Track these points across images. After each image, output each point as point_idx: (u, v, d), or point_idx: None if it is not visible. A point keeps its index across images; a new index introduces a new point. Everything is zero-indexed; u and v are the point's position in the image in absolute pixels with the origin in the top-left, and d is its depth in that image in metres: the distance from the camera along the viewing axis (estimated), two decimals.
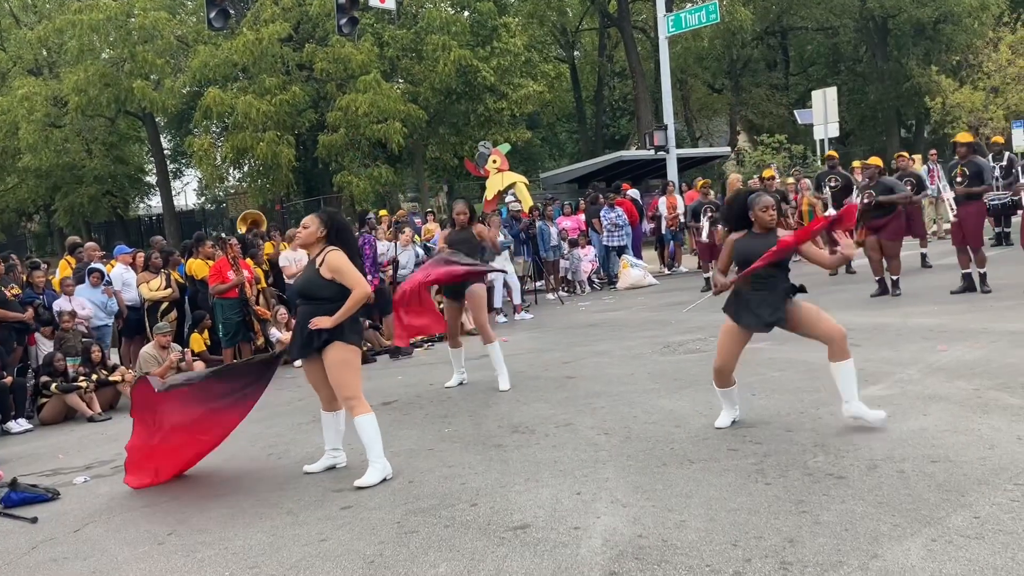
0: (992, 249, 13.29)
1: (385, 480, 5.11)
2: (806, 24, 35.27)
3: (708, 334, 9.11)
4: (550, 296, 15.02)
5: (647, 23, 33.27)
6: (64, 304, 9.84)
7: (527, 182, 17.37)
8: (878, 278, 10.76)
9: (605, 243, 16.09)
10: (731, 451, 5.02)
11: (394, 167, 26.12)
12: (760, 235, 5.29)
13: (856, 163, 15.81)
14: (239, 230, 13.84)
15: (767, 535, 3.76)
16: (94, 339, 9.78)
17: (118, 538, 4.73)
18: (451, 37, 23.51)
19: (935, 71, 29.40)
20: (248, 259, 11.14)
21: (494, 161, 16.46)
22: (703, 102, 38.06)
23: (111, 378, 9.34)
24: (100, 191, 29.46)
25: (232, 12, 15.75)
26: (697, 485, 4.49)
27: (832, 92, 22.05)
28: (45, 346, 9.59)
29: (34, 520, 5.20)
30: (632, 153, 26.47)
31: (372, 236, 11.84)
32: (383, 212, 17.10)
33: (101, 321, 10.28)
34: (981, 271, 9.97)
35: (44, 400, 8.97)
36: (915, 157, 17.64)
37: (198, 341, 10.57)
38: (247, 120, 22.49)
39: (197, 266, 11.02)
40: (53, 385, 8.89)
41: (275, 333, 10.83)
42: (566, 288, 15.59)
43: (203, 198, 40.79)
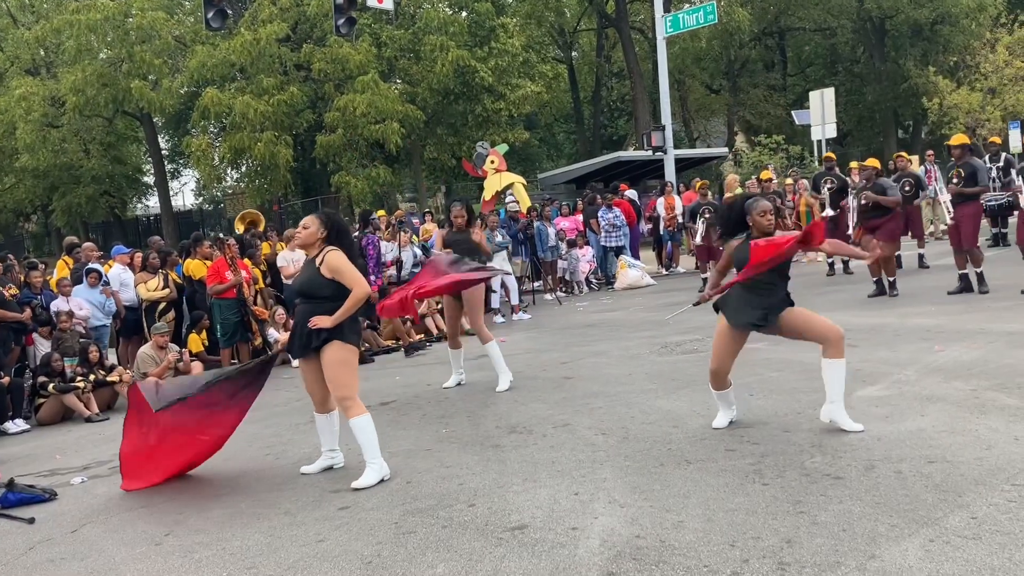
0: (989, 250, 13.32)
1: (383, 481, 5.10)
2: (804, 25, 35.34)
3: (706, 334, 9.11)
4: (548, 296, 15.02)
5: (645, 24, 33.32)
6: (62, 304, 9.83)
7: (525, 183, 17.35)
8: (875, 279, 10.78)
9: (603, 244, 16.10)
10: (729, 451, 5.03)
11: (392, 167, 26.13)
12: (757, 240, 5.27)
13: (853, 164, 15.82)
14: (237, 230, 13.82)
15: (765, 535, 3.77)
16: (92, 339, 9.78)
17: (115, 539, 4.72)
18: (449, 37, 23.52)
19: (932, 72, 29.46)
20: (246, 259, 11.15)
21: (492, 162, 16.43)
22: (701, 103, 38.12)
23: (109, 378, 9.34)
24: (98, 191, 29.45)
25: (230, 12, 15.76)
26: (695, 485, 4.49)
27: (830, 93, 22.07)
28: (43, 346, 9.58)
29: (31, 520, 5.20)
30: (630, 154, 26.49)
31: (376, 236, 11.84)
32: (380, 212, 17.08)
33: (99, 321, 10.27)
34: (978, 270, 9.99)
35: (41, 400, 8.97)
36: (912, 158, 17.63)
37: (196, 341, 10.58)
38: (245, 120, 22.49)
39: (195, 266, 11.02)
40: (51, 385, 8.88)
41: (273, 333, 10.83)
42: (564, 288, 15.60)
43: (201, 198, 40.79)
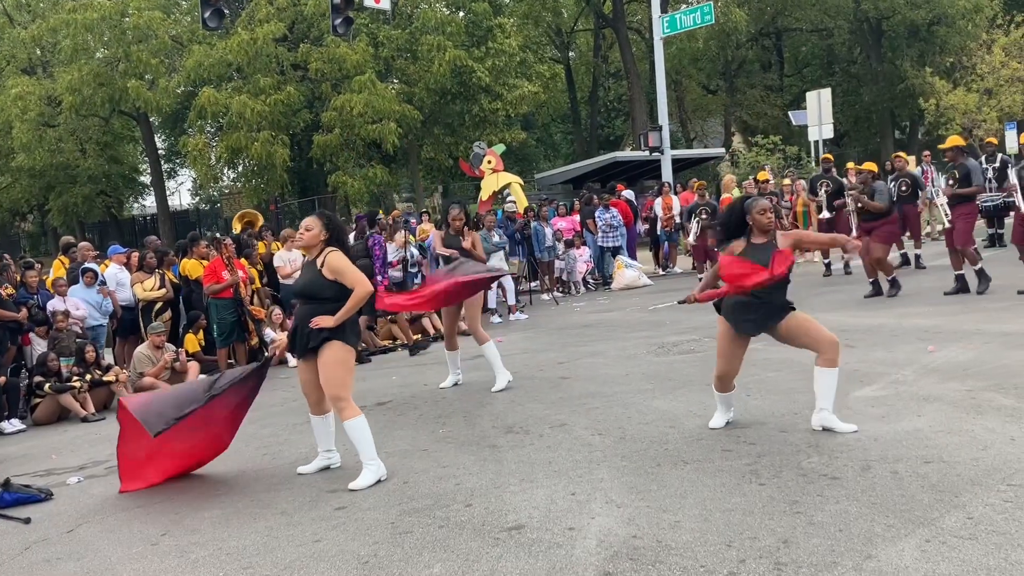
0: (986, 251, 13.34)
1: (380, 481, 5.10)
2: (801, 25, 35.39)
3: (703, 335, 9.12)
4: (545, 297, 15.03)
5: (642, 24, 33.33)
6: (58, 304, 9.81)
7: (522, 183, 17.36)
8: (872, 279, 10.79)
9: (600, 244, 16.11)
10: (725, 452, 5.03)
11: (389, 167, 26.10)
12: (759, 245, 5.25)
13: (850, 164, 15.84)
14: (234, 229, 13.80)
15: (761, 536, 3.77)
16: (88, 339, 9.76)
17: (112, 539, 4.71)
18: (446, 37, 23.50)
19: (929, 73, 29.49)
20: (242, 259, 11.14)
21: (489, 162, 16.44)
22: (698, 103, 38.17)
23: (105, 378, 9.31)
24: (94, 191, 29.40)
25: (227, 12, 15.75)
26: (691, 486, 4.49)
27: (826, 93, 22.08)
28: (39, 346, 9.56)
29: (27, 521, 5.18)
30: (627, 154, 26.51)
31: (382, 237, 11.84)
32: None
33: (96, 321, 10.25)
34: (976, 268, 10.00)
35: (38, 400, 8.95)
36: (909, 159, 17.65)
37: (192, 341, 10.56)
38: (242, 120, 22.46)
39: (191, 266, 11.00)
40: (47, 385, 8.86)
41: (269, 333, 10.83)
42: (561, 289, 15.60)
43: (197, 198, 40.73)
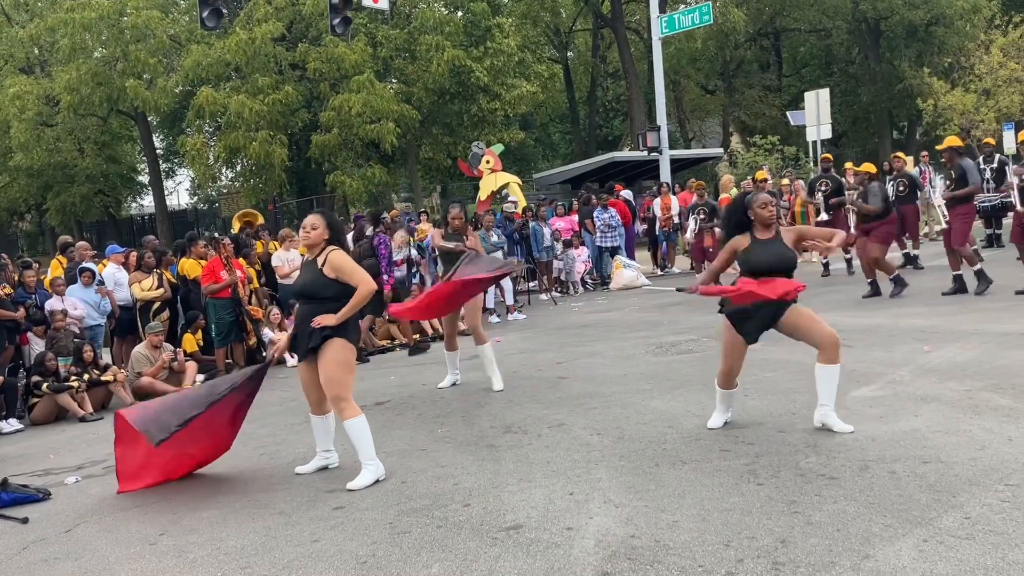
0: (984, 251, 13.34)
1: (378, 482, 5.10)
2: (799, 26, 35.42)
3: (701, 335, 9.14)
4: (543, 296, 15.03)
5: (640, 24, 33.34)
6: (56, 304, 9.80)
7: (520, 182, 17.36)
8: (870, 280, 10.80)
9: (598, 244, 16.11)
10: (723, 452, 5.03)
11: (387, 167, 26.09)
12: (764, 241, 5.26)
13: (848, 165, 15.85)
14: (234, 229, 13.79)
15: (759, 535, 3.78)
16: (86, 339, 9.75)
17: (109, 538, 4.71)
18: (444, 37, 23.50)
19: (927, 73, 29.52)
20: (241, 259, 11.13)
21: (487, 162, 16.44)
22: (696, 103, 38.18)
23: (103, 378, 9.30)
24: (92, 190, 29.35)
25: (225, 11, 15.74)
26: (690, 485, 4.50)
27: (825, 94, 22.10)
28: (37, 346, 9.54)
29: (25, 520, 5.18)
30: (625, 154, 26.52)
31: (387, 236, 11.86)
32: None
33: (94, 321, 10.24)
34: (975, 268, 10.01)
35: (35, 400, 8.94)
36: (907, 159, 17.67)
37: (191, 341, 10.55)
38: (240, 120, 22.45)
39: (190, 266, 10.99)
40: (44, 385, 8.85)
41: (268, 333, 10.82)
42: (559, 289, 15.60)
43: (196, 198, 40.74)
